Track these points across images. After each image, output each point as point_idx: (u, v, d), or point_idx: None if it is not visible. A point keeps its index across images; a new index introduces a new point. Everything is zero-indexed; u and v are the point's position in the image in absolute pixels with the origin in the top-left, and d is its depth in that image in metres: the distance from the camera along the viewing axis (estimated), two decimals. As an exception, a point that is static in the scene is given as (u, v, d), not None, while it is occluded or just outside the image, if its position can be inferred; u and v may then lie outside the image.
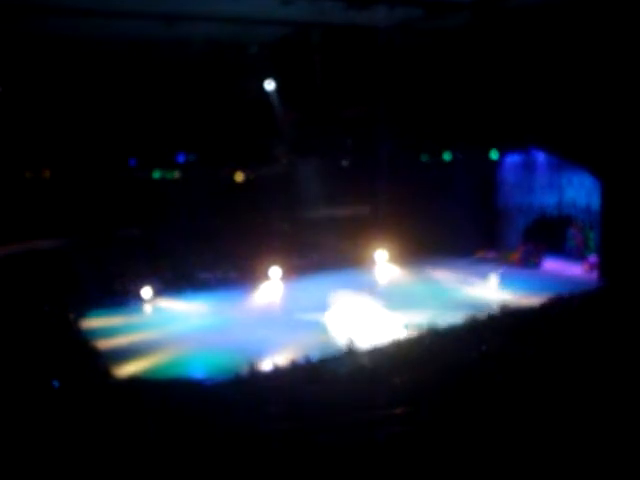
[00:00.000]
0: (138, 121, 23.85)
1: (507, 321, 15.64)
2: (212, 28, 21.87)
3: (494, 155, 27.86)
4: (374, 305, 21.21)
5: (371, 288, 23.43)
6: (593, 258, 24.39)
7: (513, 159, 28.36)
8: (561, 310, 15.76)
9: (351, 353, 14.72)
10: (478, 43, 23.04)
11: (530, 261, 26.19)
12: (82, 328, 20.17)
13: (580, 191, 25.41)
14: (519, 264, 26.27)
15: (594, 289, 19.97)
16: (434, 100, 25.25)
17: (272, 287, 25.08)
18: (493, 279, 23.92)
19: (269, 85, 25.40)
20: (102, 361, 16.68)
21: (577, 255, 26.06)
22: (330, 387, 11.32)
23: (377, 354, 14.43)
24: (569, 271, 24.84)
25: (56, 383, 12.86)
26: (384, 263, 27.62)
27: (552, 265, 25.96)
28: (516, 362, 11.06)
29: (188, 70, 23.60)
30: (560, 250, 27.10)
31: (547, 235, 27.19)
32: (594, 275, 23.44)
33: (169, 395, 12.34)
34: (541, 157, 26.92)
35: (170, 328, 20.06)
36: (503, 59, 22.94)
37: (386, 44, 22.50)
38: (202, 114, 24.67)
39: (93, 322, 20.96)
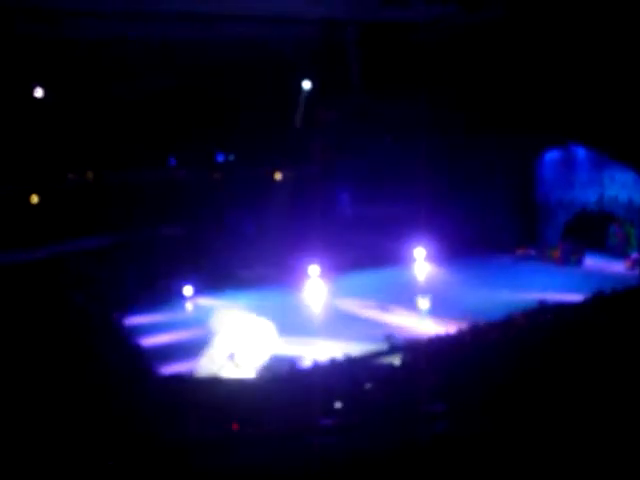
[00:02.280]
0: (178, 122, 24.17)
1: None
2: (248, 28, 22.10)
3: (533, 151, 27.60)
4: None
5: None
6: (635, 255, 24.05)
7: (553, 155, 28.05)
8: (603, 307, 15.57)
9: None
10: (516, 37, 22.84)
11: (571, 258, 25.86)
12: (125, 326, 20.55)
13: (622, 187, 25.04)
14: (560, 262, 25.96)
15: (637, 286, 19.70)
16: (473, 96, 25.09)
17: (309, 286, 25.25)
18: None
19: (306, 84, 25.54)
20: (145, 359, 16.98)
21: (619, 252, 25.68)
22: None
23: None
24: (611, 268, 24.49)
25: None
26: (422, 261, 27.55)
27: (593, 262, 25.62)
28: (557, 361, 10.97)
29: (224, 71, 23.82)
30: (602, 247, 26.73)
31: (588, 232, 26.83)
32: (636, 272, 23.10)
33: (212, 392, 12.55)
34: (581, 153, 26.57)
35: (211, 326, 20.31)
36: (544, 53, 22.69)
37: (423, 40, 22.47)
38: (239, 114, 24.90)
39: (136, 320, 21.35)
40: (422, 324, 18.94)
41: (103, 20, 19.73)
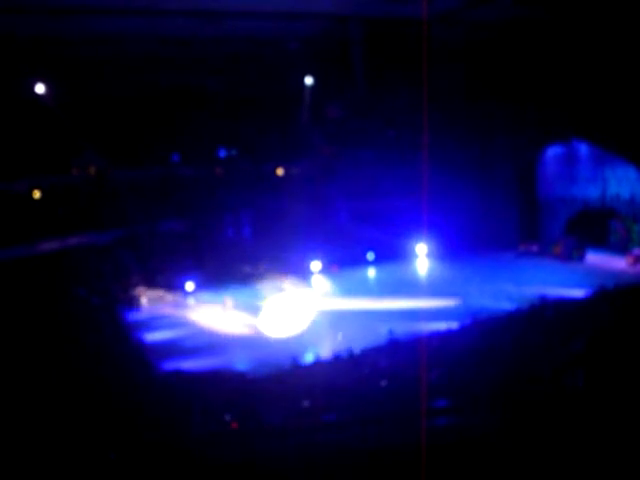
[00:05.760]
0: (181, 118, 24.17)
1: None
2: (252, 24, 22.05)
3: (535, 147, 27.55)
4: None
5: None
6: (637, 251, 24.02)
7: (555, 151, 27.99)
8: (606, 303, 15.57)
9: None
10: (519, 34, 22.81)
11: (573, 254, 25.86)
12: (128, 321, 20.57)
13: (624, 183, 25.00)
14: (562, 257, 25.97)
15: (639, 282, 19.69)
16: (475, 92, 25.06)
17: (312, 281, 25.22)
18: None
19: (309, 80, 25.53)
20: (148, 353, 16.99)
21: (621, 248, 25.67)
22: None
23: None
24: (613, 264, 24.49)
25: None
26: (424, 257, 27.52)
27: (595, 258, 25.61)
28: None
29: (228, 66, 23.82)
30: (604, 243, 26.72)
31: (590, 228, 26.81)
32: (638, 268, 23.11)
33: (213, 387, 12.58)
34: (584, 149, 26.51)
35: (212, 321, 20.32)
36: (545, 49, 22.67)
37: (427, 36, 22.41)
38: (242, 109, 24.89)
39: (138, 315, 21.35)
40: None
41: (108, 16, 19.70)
